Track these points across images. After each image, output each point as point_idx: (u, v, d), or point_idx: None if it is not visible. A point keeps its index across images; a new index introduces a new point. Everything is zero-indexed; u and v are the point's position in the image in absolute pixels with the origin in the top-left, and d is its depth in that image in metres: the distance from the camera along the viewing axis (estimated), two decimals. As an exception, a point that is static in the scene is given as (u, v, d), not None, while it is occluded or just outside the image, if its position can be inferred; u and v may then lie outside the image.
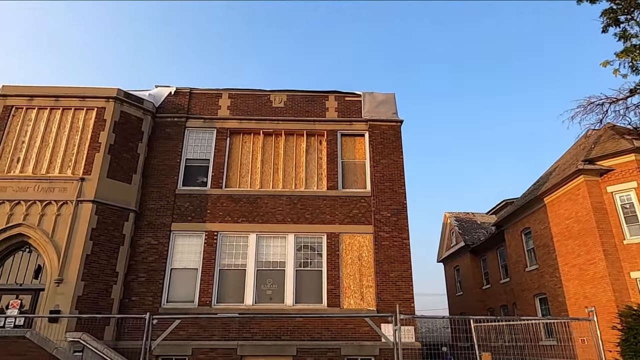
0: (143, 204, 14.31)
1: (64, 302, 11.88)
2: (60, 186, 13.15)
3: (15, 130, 13.92)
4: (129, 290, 13.26)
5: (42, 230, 12.56)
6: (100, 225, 13.01)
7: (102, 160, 13.57)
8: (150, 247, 13.86)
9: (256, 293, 13.54)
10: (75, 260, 12.31)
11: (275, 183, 15.07)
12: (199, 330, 12.94)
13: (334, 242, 14.17)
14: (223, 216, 14.37)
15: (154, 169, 14.86)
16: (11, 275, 12.65)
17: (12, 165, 13.50)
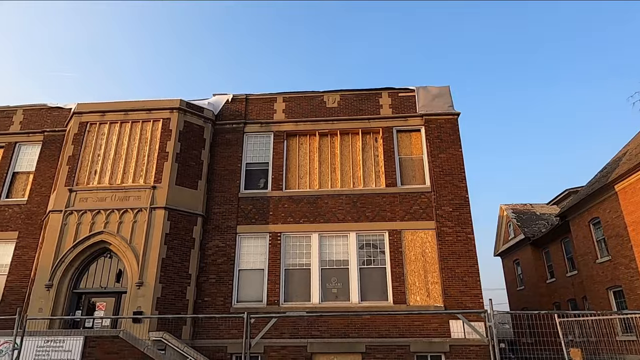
0: (209, 208, 14.94)
1: (145, 303, 12.65)
2: (134, 195, 13.99)
3: (91, 145, 14.95)
4: (201, 291, 13.90)
5: (122, 237, 13.43)
6: (172, 230, 13.73)
7: (171, 168, 14.30)
8: (219, 249, 14.45)
9: (322, 291, 13.78)
10: (153, 264, 13.07)
11: (334, 182, 15.25)
12: (270, 329, 13.28)
13: (396, 239, 14.15)
14: (285, 217, 14.72)
15: (217, 174, 15.47)
16: (96, 279, 13.63)
17: (90, 177, 14.52)
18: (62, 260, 13.28)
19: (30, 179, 16.24)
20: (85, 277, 13.64)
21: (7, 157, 16.45)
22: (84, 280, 13.60)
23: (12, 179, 16.31)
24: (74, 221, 13.75)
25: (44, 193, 15.71)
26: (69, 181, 14.35)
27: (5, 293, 14.40)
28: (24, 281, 14.48)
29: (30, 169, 16.40)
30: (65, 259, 13.31)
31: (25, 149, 16.75)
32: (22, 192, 16.11)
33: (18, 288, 14.42)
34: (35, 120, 17.02)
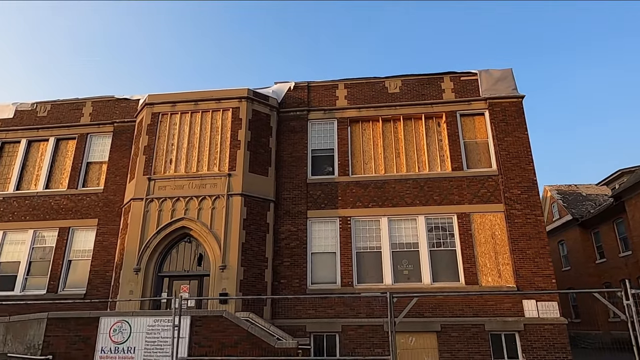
0: (278, 194, 15.42)
1: (230, 285, 13.30)
2: (210, 182, 14.54)
3: (164, 135, 15.50)
4: (277, 274, 14.49)
5: (202, 223, 14.04)
6: (249, 216, 14.28)
7: (244, 156, 14.78)
8: (291, 233, 14.97)
9: (393, 273, 14.23)
10: (234, 249, 13.67)
11: (399, 167, 15.54)
12: (346, 309, 13.90)
13: (465, 222, 14.44)
14: (354, 202, 15.12)
15: (284, 161, 15.90)
16: (178, 263, 14.33)
17: (166, 166, 15.11)
18: (147, 245, 13.99)
19: (104, 169, 16.96)
20: (168, 261, 14.34)
21: (80, 147, 17.18)
22: (167, 264, 14.32)
23: (87, 169, 17.07)
24: (155, 208, 14.41)
25: (118, 182, 16.42)
26: (146, 170, 14.97)
27: (91, 277, 15.27)
28: (107, 265, 15.31)
29: (103, 159, 17.11)
30: (150, 244, 14.02)
31: (96, 139, 17.44)
32: (97, 181, 16.86)
33: (102, 272, 15.27)
34: (104, 112, 17.66)
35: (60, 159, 17.38)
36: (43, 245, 16.09)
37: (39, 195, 16.65)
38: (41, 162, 17.42)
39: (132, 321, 10.60)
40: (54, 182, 17.06)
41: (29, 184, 17.16)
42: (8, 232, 16.35)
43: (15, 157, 17.61)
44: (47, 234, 16.19)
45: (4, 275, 15.80)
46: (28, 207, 16.51)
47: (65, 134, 17.53)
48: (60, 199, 16.47)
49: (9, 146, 17.88)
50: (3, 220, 16.46)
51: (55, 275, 15.43)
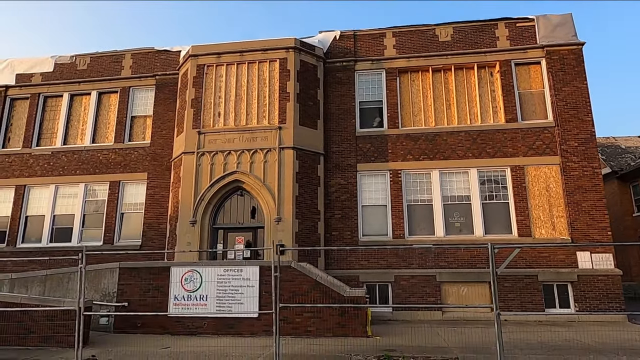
0: (327, 147, 15.30)
1: (285, 237, 13.54)
2: (261, 135, 14.44)
3: (211, 87, 15.25)
4: (329, 226, 14.67)
5: (255, 176, 14.09)
6: (301, 169, 14.27)
7: (294, 109, 14.55)
8: (341, 187, 15.00)
9: (445, 225, 14.30)
10: (288, 202, 13.78)
11: (450, 119, 15.20)
12: (399, 260, 14.15)
13: (518, 175, 14.26)
14: (404, 155, 14.97)
15: (331, 114, 15.64)
16: (232, 216, 14.56)
17: (215, 119, 14.98)
18: (202, 198, 14.18)
19: (148, 123, 16.91)
20: (222, 213, 14.57)
21: (123, 101, 17.06)
22: (221, 216, 14.56)
23: (131, 123, 17.04)
24: (206, 162, 14.45)
25: (164, 135, 16.42)
26: (195, 124, 14.88)
27: (145, 229, 15.66)
28: (160, 218, 15.64)
29: (147, 113, 17.02)
30: (204, 197, 14.19)
31: (138, 93, 17.27)
32: (142, 135, 16.88)
33: (156, 224, 15.63)
34: (144, 65, 17.36)
35: (104, 113, 17.34)
36: (95, 199, 16.42)
37: (86, 150, 16.79)
38: (85, 116, 17.42)
39: (202, 271, 10.92)
40: (100, 136, 17.13)
41: (75, 139, 17.26)
42: (60, 186, 16.66)
43: (59, 111, 17.61)
44: (98, 187, 16.48)
45: (61, 227, 16.28)
46: (77, 162, 16.71)
47: (107, 87, 17.36)
48: (109, 153, 16.60)
49: (52, 100, 17.84)
50: (54, 174, 16.73)
51: (110, 227, 15.85)
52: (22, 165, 17.00)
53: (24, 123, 17.62)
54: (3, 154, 17.28)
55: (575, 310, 13.03)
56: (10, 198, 16.79)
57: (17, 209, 16.56)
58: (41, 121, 17.59)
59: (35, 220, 16.54)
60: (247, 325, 10.61)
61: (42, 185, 16.76)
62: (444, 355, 8.18)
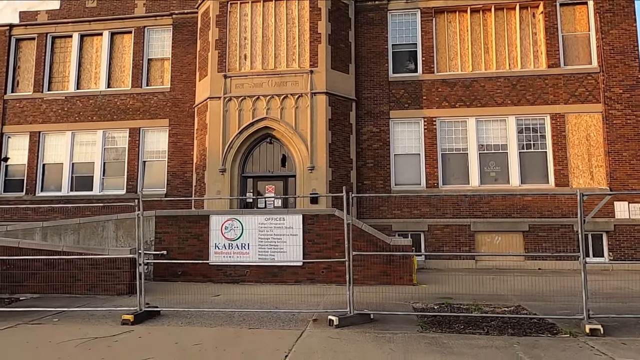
0: (359, 93, 14.62)
1: (319, 186, 13.19)
2: (291, 80, 13.69)
3: (235, 28, 14.25)
4: (361, 175, 14.32)
5: (286, 123, 13.49)
6: (333, 116, 13.67)
7: (325, 51, 13.70)
8: (373, 134, 14.49)
9: (480, 175, 14.00)
10: (321, 150, 13.31)
11: (488, 64, 14.47)
12: (432, 210, 13.95)
13: (558, 123, 13.80)
14: (439, 102, 14.37)
15: (363, 57, 14.81)
16: (261, 164, 14.11)
17: (241, 62, 14.13)
18: (231, 146, 13.64)
19: (166, 66, 16.00)
20: (250, 162, 14.11)
21: (138, 42, 16.03)
22: (250, 165, 14.10)
23: (148, 66, 16.11)
24: (234, 108, 13.78)
25: (185, 80, 15.58)
26: (221, 67, 14.03)
27: (169, 178, 15.23)
28: (184, 167, 15.17)
29: (164, 55, 16.07)
30: (233, 144, 13.66)
31: (154, 33, 16.19)
32: (161, 80, 16.02)
33: (180, 173, 15.18)
34: (159, 2, 16.15)
35: (118, 56, 16.33)
36: (115, 147, 15.83)
37: (102, 95, 15.96)
38: (98, 58, 16.41)
39: (242, 219, 10.63)
40: (115, 80, 16.24)
41: (89, 83, 16.37)
42: (77, 132, 15.99)
43: (69, 53, 16.56)
44: (117, 134, 15.83)
45: (81, 175, 15.80)
46: (93, 107, 15.93)
47: (120, 27, 16.24)
48: (126, 99, 15.81)
49: (60, 41, 16.73)
50: (69, 120, 16.01)
51: (132, 176, 15.38)
52: (35, 111, 16.21)
53: (33, 66, 16.61)
54: (13, 98, 16.43)
55: (609, 259, 13.06)
56: (25, 145, 16.15)
57: (34, 156, 15.97)
58: (51, 64, 16.58)
59: (53, 168, 16.01)
60: (290, 274, 10.49)
61: (58, 132, 16.08)
62: (505, 303, 8.10)
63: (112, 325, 6.61)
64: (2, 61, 16.56)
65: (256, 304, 8.09)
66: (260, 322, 6.70)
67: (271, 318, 6.98)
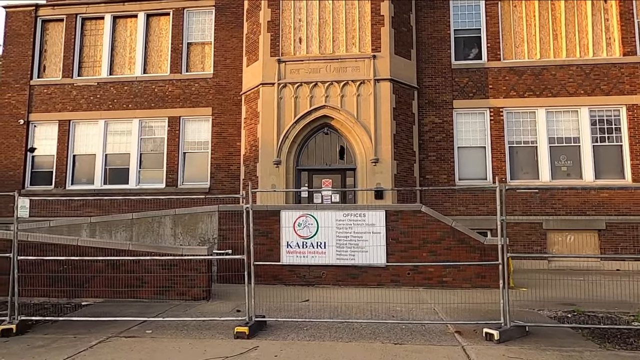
0: (419, 81, 13.65)
1: (384, 180, 12.21)
2: (352, 65, 12.67)
3: (289, 9, 13.19)
4: (423, 169, 13.37)
5: (347, 112, 12.48)
6: (397, 105, 12.70)
7: (389, 34, 12.71)
8: (435, 125, 13.54)
9: (551, 169, 13.12)
10: (386, 141, 12.32)
11: (557, 52, 13.57)
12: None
13: (635, 115, 12.94)
14: (507, 91, 13.45)
15: (423, 42, 13.85)
16: (317, 156, 13.09)
17: (296, 46, 13.07)
18: (286, 136, 12.61)
19: (207, 50, 14.90)
20: (305, 154, 13.09)
21: (177, 25, 14.89)
22: (304, 157, 13.08)
23: (187, 51, 14.99)
24: (289, 95, 12.74)
25: (229, 65, 14.50)
26: (274, 51, 12.97)
27: (213, 170, 14.17)
28: (229, 158, 14.12)
29: (204, 39, 14.96)
30: (289, 135, 12.62)
31: (194, 16, 15.07)
32: (201, 65, 14.91)
33: (225, 165, 14.13)
34: (200, -18, 15.02)
35: (154, 39, 15.19)
36: (152, 136, 14.72)
37: (138, 81, 14.82)
38: (132, 42, 15.25)
39: (317, 215, 9.62)
40: (152, 65, 15.10)
41: (122, 68, 15.21)
42: (110, 121, 14.84)
43: (101, 36, 15.38)
44: (155, 123, 14.72)
45: (115, 167, 14.67)
46: (129, 94, 14.79)
47: (157, 8, 15.09)
48: (165, 85, 14.69)
49: (91, 23, 15.54)
50: (102, 108, 14.85)
51: (172, 168, 14.29)
52: (65, 98, 15.03)
53: (61, 49, 15.41)
54: (40, 84, 15.23)
55: (692, 259, 12.25)
56: (54, 135, 14.97)
57: (63, 147, 14.80)
58: (81, 47, 15.40)
59: (85, 159, 14.87)
60: (372, 276, 9.52)
61: (90, 121, 14.92)
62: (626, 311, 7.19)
63: (225, 339, 5.61)
64: (28, 44, 15.35)
65: (358, 311, 7.14)
66: (395, 335, 5.73)
67: (400, 330, 6.01)
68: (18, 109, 15.10)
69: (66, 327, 6.23)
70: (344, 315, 6.84)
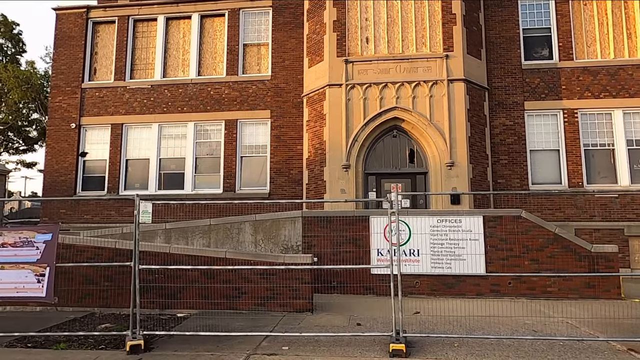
0: (489, 81, 13.17)
1: (460, 184, 11.69)
2: (423, 65, 12.21)
3: (355, 8, 12.78)
4: (494, 172, 12.84)
5: (419, 114, 12.00)
6: (471, 107, 12.21)
7: (461, 33, 12.25)
8: (506, 128, 13.03)
9: (631, 173, 12.55)
10: (461, 144, 11.82)
11: (632, 51, 13.05)
12: (577, 212, 12.48)
13: None
14: (581, 92, 12.93)
15: (491, 42, 13.38)
16: (384, 160, 12.60)
17: (363, 46, 12.64)
18: (356, 139, 12.13)
19: (263, 52, 14.50)
20: (372, 157, 12.60)
21: (233, 26, 14.52)
22: (371, 161, 12.59)
23: (243, 52, 14.60)
24: (358, 96, 12.28)
25: (288, 67, 14.08)
26: (340, 51, 12.54)
27: (273, 174, 13.70)
28: (289, 162, 13.66)
29: (260, 40, 14.57)
30: (358, 137, 12.14)
31: (249, 17, 14.69)
32: (257, 67, 14.51)
33: (285, 170, 13.66)
34: (256, -18, 14.66)
35: (209, 41, 14.82)
36: (208, 140, 14.29)
37: (193, 83, 14.43)
38: (185, 44, 14.89)
39: (409, 221, 9.11)
40: (206, 67, 14.72)
41: (176, 70, 14.84)
42: (164, 125, 14.44)
43: (153, 38, 15.04)
44: (210, 127, 14.30)
45: (169, 172, 14.25)
46: (183, 97, 14.40)
47: (211, 9, 14.74)
48: (221, 87, 14.29)
49: (142, 25, 15.20)
50: (156, 111, 14.46)
51: (230, 173, 13.84)
52: (117, 101, 14.66)
53: (111, 51, 15.08)
54: (92, 87, 14.87)
55: None
56: (105, 139, 14.59)
57: (116, 151, 14.41)
58: (133, 49, 15.05)
59: (138, 164, 14.45)
60: (470, 285, 8.96)
61: (143, 124, 14.53)
62: None
63: (380, 357, 5.08)
64: (79, 46, 15.03)
65: (486, 325, 6.59)
66: (565, 354, 5.18)
67: (561, 347, 5.46)
68: (69, 112, 14.74)
69: (190, 342, 5.74)
70: (477, 329, 6.29)
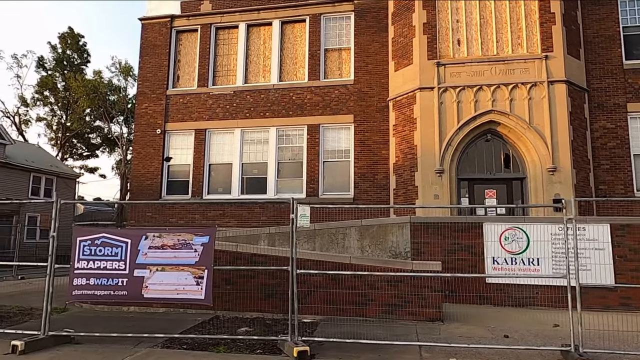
0: (587, 82, 12.55)
1: (564, 190, 11.14)
2: (520, 67, 11.78)
3: (446, 9, 12.51)
4: (595, 178, 12.18)
5: (517, 117, 11.56)
6: (572, 109, 11.66)
7: (561, 33, 11.75)
8: (607, 131, 12.36)
9: None
10: (564, 148, 11.29)
11: None
12: (691, 220, 11.62)
13: None
14: (691, 92, 12.13)
15: (589, 41, 12.76)
16: (478, 164, 12.21)
17: (454, 48, 12.35)
18: (449, 143, 11.82)
19: (344, 56, 14.44)
20: (465, 162, 12.24)
21: (314, 31, 14.55)
22: (464, 165, 12.23)
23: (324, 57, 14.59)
24: (451, 99, 11.98)
25: (371, 71, 13.94)
26: (431, 53, 12.30)
27: (357, 179, 13.55)
28: (373, 167, 13.47)
29: (341, 45, 14.51)
30: (452, 142, 11.83)
31: (330, 21, 14.69)
32: (339, 72, 14.46)
33: (369, 175, 13.48)
34: (337, -13, 14.65)
35: (289, 46, 14.92)
36: (290, 145, 14.33)
37: (275, 89, 14.54)
38: (266, 50, 15.05)
39: (527, 228, 8.70)
40: (287, 73, 14.81)
41: (257, 76, 15.01)
42: (247, 130, 14.61)
43: (234, 45, 15.28)
44: (292, 132, 14.34)
45: (251, 177, 14.38)
46: (265, 102, 14.52)
47: (292, 15, 14.84)
48: (303, 92, 14.32)
49: (224, 32, 15.49)
50: (239, 117, 14.65)
51: (313, 177, 13.80)
52: (201, 107, 14.96)
53: (193, 59, 15.44)
54: (176, 94, 15.26)
55: None
56: (189, 144, 14.90)
57: (200, 156, 14.69)
58: (215, 56, 15.36)
59: (221, 169, 14.66)
60: (595, 298, 8.43)
61: (226, 130, 14.75)
62: None
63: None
64: (163, 54, 15.48)
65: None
66: None
67: None
68: (155, 118, 15.17)
69: (344, 349, 5.63)
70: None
